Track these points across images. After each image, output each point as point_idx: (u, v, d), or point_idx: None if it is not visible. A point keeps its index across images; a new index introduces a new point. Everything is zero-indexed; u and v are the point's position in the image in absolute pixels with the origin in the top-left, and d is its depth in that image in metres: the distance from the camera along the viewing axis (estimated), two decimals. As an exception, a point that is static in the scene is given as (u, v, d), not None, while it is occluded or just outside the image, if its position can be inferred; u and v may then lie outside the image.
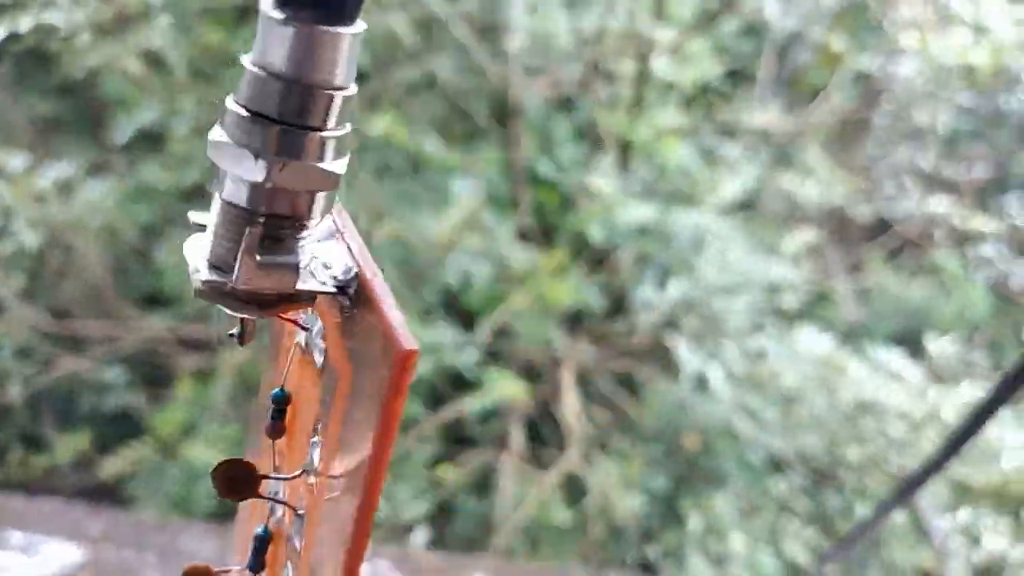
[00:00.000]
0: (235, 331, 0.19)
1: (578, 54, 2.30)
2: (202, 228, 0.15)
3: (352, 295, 0.15)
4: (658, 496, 1.64)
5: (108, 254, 2.02)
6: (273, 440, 0.20)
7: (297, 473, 0.18)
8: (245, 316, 0.16)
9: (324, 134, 0.14)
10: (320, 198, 0.14)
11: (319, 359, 0.17)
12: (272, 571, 0.21)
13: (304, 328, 0.18)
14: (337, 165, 0.14)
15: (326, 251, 0.15)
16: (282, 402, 0.19)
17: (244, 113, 0.13)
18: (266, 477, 0.19)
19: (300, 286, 0.15)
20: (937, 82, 1.87)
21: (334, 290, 0.15)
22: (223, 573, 0.24)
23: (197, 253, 0.15)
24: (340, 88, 0.13)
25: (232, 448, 1.53)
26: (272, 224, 0.14)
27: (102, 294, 1.91)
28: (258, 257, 0.14)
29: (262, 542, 0.20)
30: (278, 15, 0.13)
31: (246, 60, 0.13)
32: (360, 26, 0.13)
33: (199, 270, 0.15)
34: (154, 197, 1.98)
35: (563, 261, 1.87)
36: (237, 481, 0.18)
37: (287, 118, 0.13)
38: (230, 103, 0.14)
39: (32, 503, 0.59)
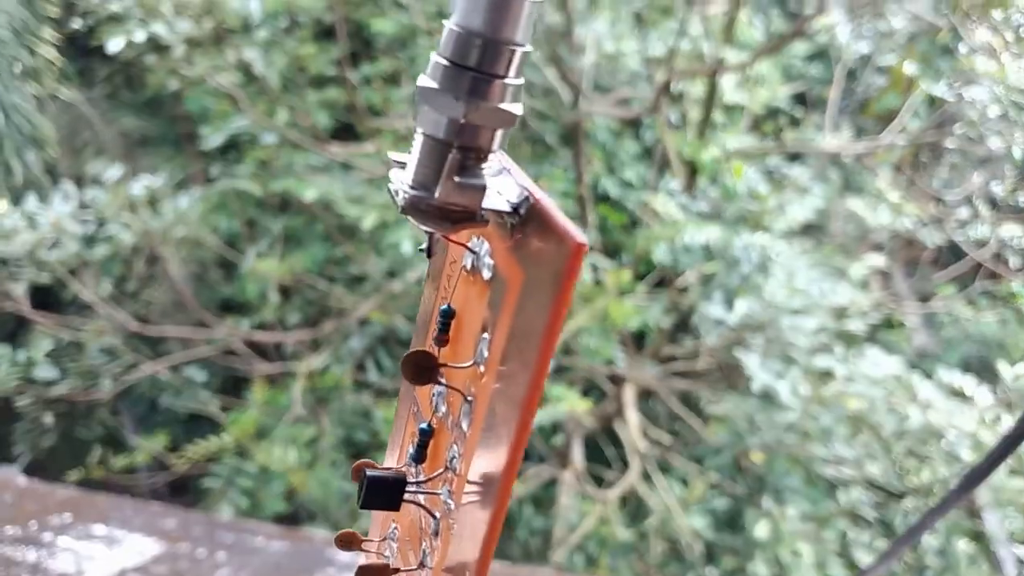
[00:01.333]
0: (424, 246, 0.23)
1: (647, 75, 2.32)
2: (401, 165, 0.19)
3: (524, 214, 0.18)
4: (721, 515, 1.62)
5: (191, 262, 2.11)
6: (440, 348, 0.22)
7: (469, 363, 0.20)
8: (436, 231, 0.19)
9: (507, 82, 0.17)
10: (499, 134, 0.18)
11: (487, 274, 0.20)
12: (431, 463, 0.23)
13: (472, 251, 0.21)
14: (515, 107, 0.17)
15: (498, 182, 0.18)
16: (448, 316, 0.22)
17: (446, 63, 0.16)
18: (446, 365, 0.21)
19: (485, 205, 0.18)
20: (1012, 107, 1.84)
21: (510, 208, 0.18)
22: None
23: (400, 179, 0.18)
24: (520, 45, 0.17)
25: (303, 450, 1.57)
26: (464, 154, 0.17)
27: (183, 300, 1.99)
28: (455, 178, 0.17)
29: (425, 435, 0.23)
30: None
31: (449, 22, 0.16)
32: None
33: (403, 190, 0.18)
34: (236, 208, 2.06)
35: (628, 280, 1.87)
36: (423, 369, 0.21)
37: (480, 68, 0.16)
38: (435, 57, 0.17)
39: (112, 499, 0.63)
